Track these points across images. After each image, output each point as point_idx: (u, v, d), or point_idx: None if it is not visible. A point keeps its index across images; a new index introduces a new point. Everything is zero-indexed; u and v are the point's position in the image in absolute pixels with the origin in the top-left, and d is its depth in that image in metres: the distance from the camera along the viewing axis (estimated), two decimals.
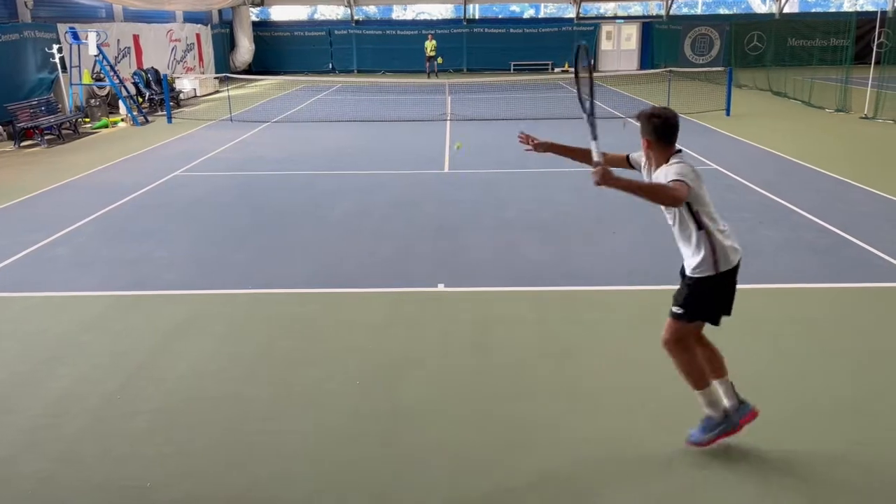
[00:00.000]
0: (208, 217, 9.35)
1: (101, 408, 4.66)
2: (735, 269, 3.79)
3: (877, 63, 18.02)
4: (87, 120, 18.37)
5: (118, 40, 21.59)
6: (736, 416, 3.96)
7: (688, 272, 3.82)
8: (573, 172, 11.38)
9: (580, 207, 9.41)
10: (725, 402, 3.98)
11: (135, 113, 18.69)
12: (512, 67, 34.41)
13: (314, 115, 19.72)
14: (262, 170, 12.36)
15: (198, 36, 28.17)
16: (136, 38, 22.83)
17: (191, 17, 28.43)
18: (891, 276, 6.76)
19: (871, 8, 34.39)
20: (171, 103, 20.10)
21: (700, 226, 3.69)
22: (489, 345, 5.48)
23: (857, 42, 22.67)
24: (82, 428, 4.43)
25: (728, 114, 17.79)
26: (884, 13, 21.61)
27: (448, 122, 17.62)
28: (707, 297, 3.79)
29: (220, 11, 31.82)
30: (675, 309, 3.85)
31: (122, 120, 18.73)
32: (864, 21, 25.29)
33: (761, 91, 23.22)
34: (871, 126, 15.97)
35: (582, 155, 4.06)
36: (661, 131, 3.72)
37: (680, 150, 3.77)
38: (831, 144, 13.93)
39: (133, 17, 23.63)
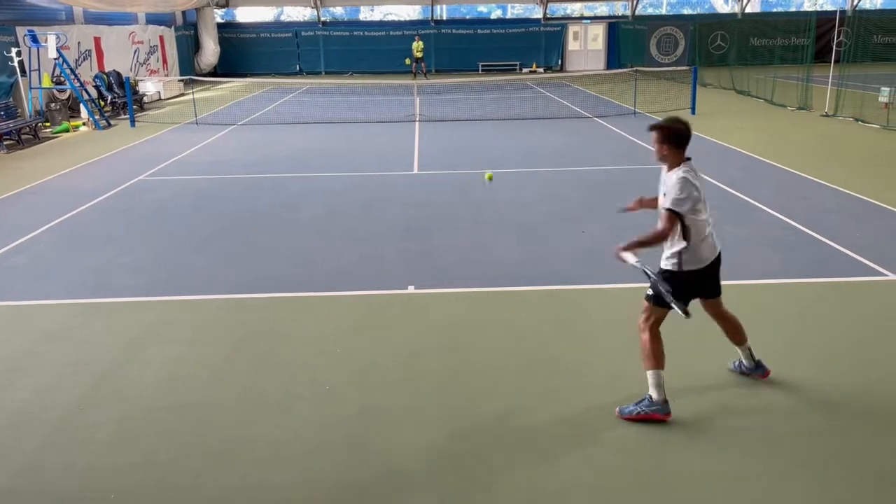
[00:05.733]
0: (174, 222, 9.20)
1: (64, 419, 4.54)
2: (705, 268, 4.29)
3: (836, 62, 18.36)
4: (48, 124, 17.99)
5: (79, 43, 21.18)
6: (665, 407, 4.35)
7: (662, 264, 4.34)
8: (543, 172, 11.43)
9: (551, 207, 9.44)
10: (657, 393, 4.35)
11: (96, 116, 18.35)
12: (480, 68, 34.49)
13: (282, 117, 19.54)
14: (228, 173, 12.21)
15: (161, 38, 27.76)
16: (97, 40, 22.42)
17: (153, 19, 28.00)
18: (852, 270, 6.89)
19: (830, 7, 35.09)
20: (135, 106, 19.78)
21: (684, 235, 4.19)
22: (460, 346, 5.46)
23: (817, 41, 23.08)
24: (44, 440, 4.32)
25: (693, 112, 18.00)
26: (842, 12, 22.08)
27: (417, 123, 17.59)
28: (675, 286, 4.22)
29: (183, 13, 31.39)
30: (647, 291, 4.37)
31: (84, 124, 18.38)
32: (823, 20, 25.77)
33: (725, 90, 23.56)
34: (831, 123, 16.29)
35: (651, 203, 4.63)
36: (674, 139, 4.20)
37: (689, 158, 4.24)
38: (794, 142, 14.18)
39: (94, 19, 23.19)
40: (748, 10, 36.03)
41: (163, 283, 7.01)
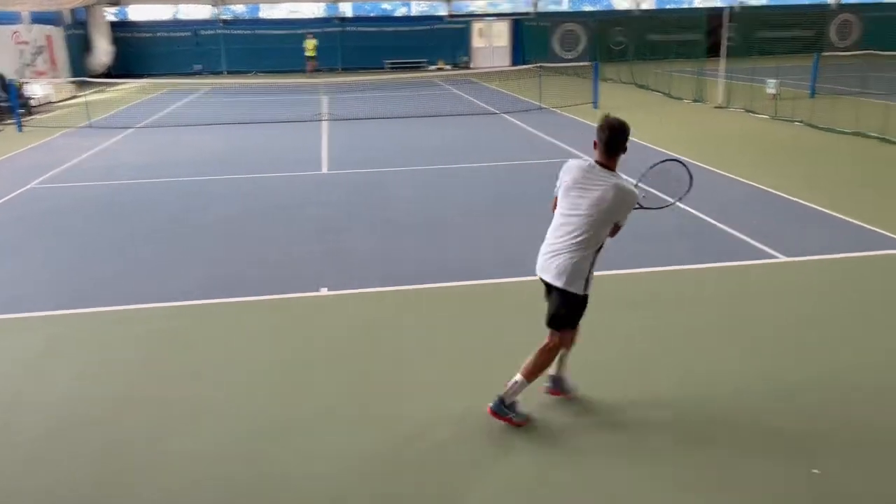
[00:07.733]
0: (71, 231, 8.74)
1: None
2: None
3: (726, 56, 19.29)
4: None
5: None
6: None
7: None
8: (453, 168, 11.51)
9: (460, 204, 9.51)
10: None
11: None
12: (386, 65, 34.38)
13: (183, 118, 18.88)
14: (128, 178, 11.69)
15: (49, 38, 26.26)
16: None
17: (39, 18, 26.44)
18: (749, 254, 7.26)
19: (719, 3, 36.81)
20: (21, 110, 18.65)
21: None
22: (375, 347, 5.43)
23: (709, 36, 24.18)
24: None
25: (596, 106, 18.53)
26: (731, 9, 23.18)
27: (324, 123, 17.36)
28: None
29: (72, 11, 29.82)
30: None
31: None
32: (714, 17, 27.03)
33: (626, 84, 24.36)
34: (724, 114, 17.13)
35: None
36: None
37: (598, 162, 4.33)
38: (690, 132, 14.83)
39: None
40: (644, 6, 37.35)
41: (63, 295, 6.64)
